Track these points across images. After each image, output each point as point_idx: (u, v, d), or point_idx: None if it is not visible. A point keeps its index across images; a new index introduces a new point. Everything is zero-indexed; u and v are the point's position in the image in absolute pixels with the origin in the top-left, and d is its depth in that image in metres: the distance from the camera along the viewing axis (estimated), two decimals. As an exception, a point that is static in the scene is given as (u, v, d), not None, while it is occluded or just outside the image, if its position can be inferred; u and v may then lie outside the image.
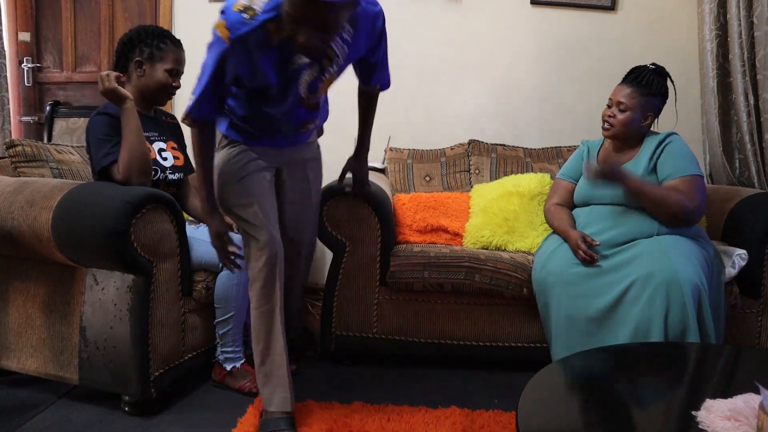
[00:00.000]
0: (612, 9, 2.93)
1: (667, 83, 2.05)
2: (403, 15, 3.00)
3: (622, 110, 2.01)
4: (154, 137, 2.03)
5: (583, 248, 1.90)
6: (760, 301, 2.11)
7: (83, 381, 1.80)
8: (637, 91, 2.00)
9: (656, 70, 2.03)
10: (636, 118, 2.01)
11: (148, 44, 1.95)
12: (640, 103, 2.00)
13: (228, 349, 1.98)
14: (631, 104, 2.00)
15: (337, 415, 1.78)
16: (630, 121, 2.01)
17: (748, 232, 2.10)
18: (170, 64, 1.97)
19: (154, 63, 1.95)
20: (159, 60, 1.96)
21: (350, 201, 2.15)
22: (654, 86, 2.00)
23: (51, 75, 3.40)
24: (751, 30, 2.46)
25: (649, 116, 2.03)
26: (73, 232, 1.67)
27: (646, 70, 2.03)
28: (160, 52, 1.96)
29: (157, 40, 1.96)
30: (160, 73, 1.96)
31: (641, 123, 2.03)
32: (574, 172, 2.22)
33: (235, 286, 1.91)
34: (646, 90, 2.00)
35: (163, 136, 2.08)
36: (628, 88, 2.02)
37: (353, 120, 3.29)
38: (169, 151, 2.08)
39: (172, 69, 1.98)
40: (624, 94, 2.01)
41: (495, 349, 2.17)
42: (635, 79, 2.02)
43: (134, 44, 1.96)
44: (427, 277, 2.10)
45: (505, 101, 3.04)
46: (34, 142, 2.13)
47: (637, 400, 1.23)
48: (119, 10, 3.28)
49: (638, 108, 2.00)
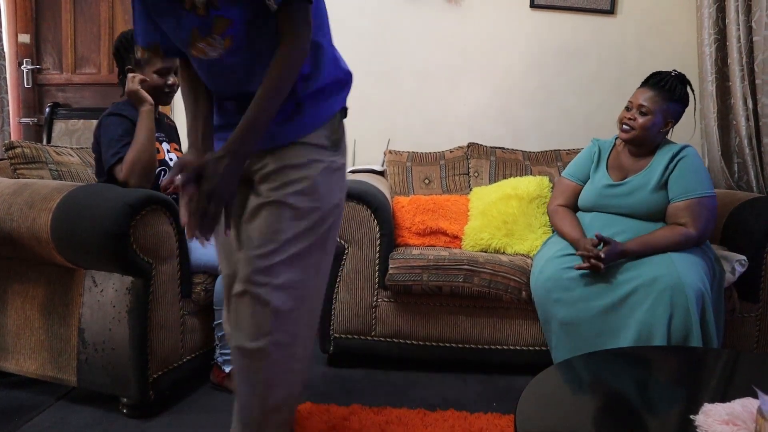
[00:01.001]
0: (611, 13, 2.94)
1: (686, 90, 2.02)
2: (402, 18, 3.01)
3: (643, 113, 1.98)
4: (162, 138, 2.07)
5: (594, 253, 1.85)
6: (759, 306, 2.11)
7: (82, 383, 1.80)
8: (659, 95, 1.97)
9: (678, 77, 2.01)
10: (657, 123, 1.98)
11: (132, 50, 1.95)
12: (662, 108, 1.97)
13: (227, 351, 1.97)
14: (653, 108, 1.97)
15: (335, 418, 1.78)
16: (651, 125, 1.98)
17: (747, 237, 2.11)
18: (157, 64, 1.96)
19: (142, 67, 1.96)
20: (146, 64, 1.96)
21: (349, 203, 2.15)
22: (677, 93, 1.98)
23: (51, 77, 3.40)
24: (749, 34, 2.47)
25: (669, 122, 2.01)
26: (72, 234, 1.67)
27: (668, 76, 1.99)
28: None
29: None
30: (149, 76, 1.96)
31: (661, 129, 2.01)
32: (581, 173, 2.20)
33: None
34: (669, 95, 1.97)
35: (167, 137, 2.12)
36: (650, 91, 1.99)
37: (354, 122, 3.29)
38: (173, 152, 2.10)
39: (161, 68, 1.96)
40: (646, 98, 1.98)
41: (493, 352, 2.17)
42: (658, 83, 1.99)
43: (121, 53, 1.99)
44: (426, 279, 2.11)
45: (504, 104, 3.04)
46: (33, 144, 2.13)
47: (635, 403, 1.23)
48: (119, 12, 3.28)
49: (660, 113, 1.97)
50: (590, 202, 2.11)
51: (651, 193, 1.98)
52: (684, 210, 1.93)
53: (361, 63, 3.05)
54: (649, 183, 1.99)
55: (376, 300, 2.19)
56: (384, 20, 3.02)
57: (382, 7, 3.02)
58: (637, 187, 2.01)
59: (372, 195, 2.18)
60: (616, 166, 2.12)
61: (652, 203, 1.99)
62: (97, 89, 3.30)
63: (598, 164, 2.16)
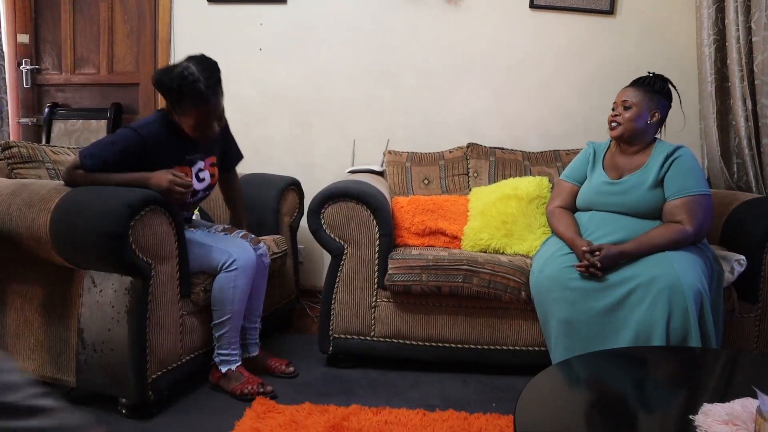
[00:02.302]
0: (611, 13, 2.94)
1: (667, 86, 2.09)
2: (401, 18, 3.01)
3: (627, 107, 2.05)
4: (195, 157, 1.96)
5: (589, 261, 1.86)
6: (758, 306, 2.11)
7: (81, 383, 1.80)
8: (640, 89, 2.06)
9: (657, 75, 2.09)
10: (643, 115, 2.04)
11: (171, 91, 1.79)
12: (644, 100, 2.04)
13: (224, 352, 1.98)
14: (635, 101, 2.04)
15: (334, 418, 1.78)
16: (637, 116, 2.03)
17: (746, 237, 2.11)
18: (192, 120, 1.81)
19: (179, 114, 1.83)
20: (181, 113, 1.82)
21: (349, 204, 2.15)
22: (657, 86, 2.06)
23: (50, 77, 3.40)
24: (749, 35, 2.47)
25: (655, 114, 2.05)
26: (71, 234, 1.66)
27: (647, 76, 2.09)
28: (180, 107, 1.81)
29: (177, 89, 1.77)
30: (185, 124, 1.83)
31: (648, 121, 2.05)
32: (578, 175, 2.22)
33: (231, 289, 1.91)
34: (650, 88, 2.05)
35: (206, 152, 2.01)
36: (630, 88, 2.08)
37: (353, 122, 3.30)
38: (207, 169, 2.02)
39: (196, 125, 1.82)
40: (628, 94, 2.07)
41: (493, 352, 2.17)
42: (636, 81, 2.09)
43: (162, 87, 1.82)
44: (425, 280, 2.10)
45: (503, 104, 3.04)
46: (29, 144, 2.13)
47: (634, 403, 1.24)
48: (118, 13, 3.28)
49: (644, 104, 2.04)
50: (588, 200, 2.12)
51: (647, 191, 1.99)
52: (680, 207, 1.93)
53: (360, 63, 3.06)
54: (646, 181, 2.01)
55: (375, 300, 2.19)
56: (384, 20, 3.02)
57: (382, 7, 3.02)
58: (633, 185, 2.02)
59: (371, 195, 2.18)
60: (612, 166, 2.14)
61: (649, 201, 1.99)
62: (96, 89, 3.30)
63: (594, 164, 2.18)
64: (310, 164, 3.11)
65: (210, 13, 3.11)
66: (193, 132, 1.86)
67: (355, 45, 3.05)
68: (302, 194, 2.71)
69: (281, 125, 3.14)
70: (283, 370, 2.12)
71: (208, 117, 1.83)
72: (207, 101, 1.80)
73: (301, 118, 3.12)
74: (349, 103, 3.09)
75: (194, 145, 1.95)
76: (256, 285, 2.10)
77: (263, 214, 2.50)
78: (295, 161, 3.12)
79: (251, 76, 3.12)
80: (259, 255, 2.08)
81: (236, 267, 1.91)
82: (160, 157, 1.84)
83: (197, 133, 1.86)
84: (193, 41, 3.10)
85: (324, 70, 3.08)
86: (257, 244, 2.12)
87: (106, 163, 1.78)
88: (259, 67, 3.11)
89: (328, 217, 2.17)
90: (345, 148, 3.09)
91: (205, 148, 2.01)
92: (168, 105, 1.86)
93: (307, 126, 3.12)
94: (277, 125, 3.14)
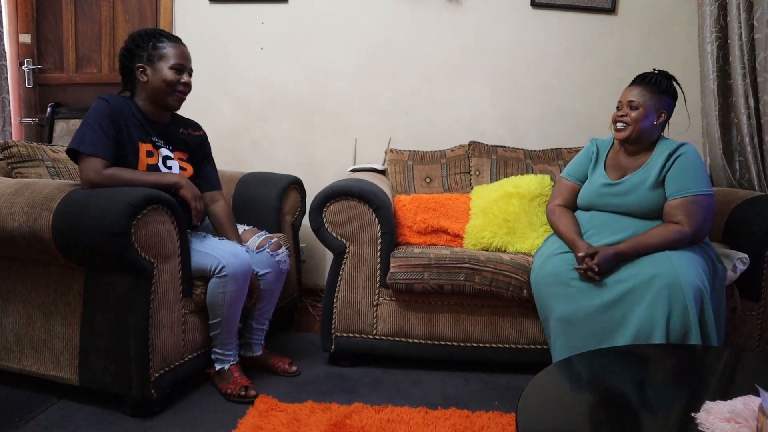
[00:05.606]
0: (612, 11, 2.94)
1: (673, 84, 2.05)
2: (403, 17, 3.01)
3: (634, 108, 2.00)
4: (159, 143, 2.00)
5: (588, 264, 1.86)
6: (760, 304, 2.11)
7: (83, 382, 1.80)
8: (646, 89, 2.01)
9: (662, 73, 2.05)
10: (650, 115, 2.00)
11: (145, 47, 1.92)
12: (651, 100, 1.99)
13: (218, 351, 1.98)
14: (642, 101, 1.99)
15: (337, 416, 1.78)
16: (643, 117, 1.99)
17: (749, 235, 2.10)
18: (173, 59, 1.93)
19: (156, 63, 1.92)
20: (159, 59, 1.92)
21: (350, 202, 2.15)
22: (663, 85, 2.01)
23: (52, 77, 3.40)
24: (751, 32, 2.46)
25: (662, 114, 2.02)
26: (74, 234, 1.67)
27: (652, 74, 2.05)
28: (158, 52, 1.93)
29: (152, 40, 1.93)
30: (164, 71, 1.92)
31: (655, 122, 2.01)
32: (579, 173, 2.21)
33: (221, 294, 1.90)
34: (656, 88, 2.00)
35: (170, 145, 2.04)
36: (636, 87, 2.03)
37: (355, 121, 3.30)
38: (176, 160, 2.04)
39: (176, 64, 1.93)
40: (634, 93, 2.02)
41: (495, 350, 2.17)
42: (643, 80, 2.04)
43: (132, 52, 1.93)
44: (427, 278, 2.11)
45: (505, 103, 3.04)
46: (28, 143, 2.14)
47: (637, 401, 1.23)
48: (120, 12, 3.29)
49: (650, 105, 1.99)
50: (588, 201, 2.12)
51: (648, 191, 1.98)
52: (679, 208, 1.92)
53: (362, 62, 3.06)
54: (647, 181, 1.99)
55: (377, 299, 2.19)
56: (385, 20, 3.02)
57: (383, 6, 3.02)
58: (634, 185, 2.01)
59: (373, 194, 2.18)
60: (613, 165, 2.12)
61: (650, 201, 1.98)
62: (98, 89, 3.31)
63: (596, 163, 2.17)
64: (312, 163, 3.12)
65: (211, 13, 3.11)
66: (159, 95, 1.93)
67: (356, 44, 3.06)
68: (304, 193, 2.71)
69: (283, 124, 3.14)
70: (286, 369, 2.13)
71: (177, 60, 1.94)
72: (161, 35, 1.95)
73: (302, 116, 3.12)
74: (350, 102, 3.09)
75: (159, 133, 2.00)
76: (271, 289, 2.12)
77: (265, 213, 2.49)
78: (296, 160, 3.12)
79: (253, 75, 3.12)
80: (277, 261, 2.09)
81: (225, 273, 1.89)
82: (123, 127, 1.88)
83: (165, 94, 1.93)
84: (195, 41, 3.08)
85: (325, 69, 3.08)
86: (277, 249, 2.12)
87: (107, 137, 1.82)
88: (261, 66, 3.11)
89: (330, 216, 2.18)
90: (346, 146, 3.10)
91: (171, 139, 2.04)
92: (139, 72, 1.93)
93: (308, 125, 3.12)
94: (278, 124, 3.14)
